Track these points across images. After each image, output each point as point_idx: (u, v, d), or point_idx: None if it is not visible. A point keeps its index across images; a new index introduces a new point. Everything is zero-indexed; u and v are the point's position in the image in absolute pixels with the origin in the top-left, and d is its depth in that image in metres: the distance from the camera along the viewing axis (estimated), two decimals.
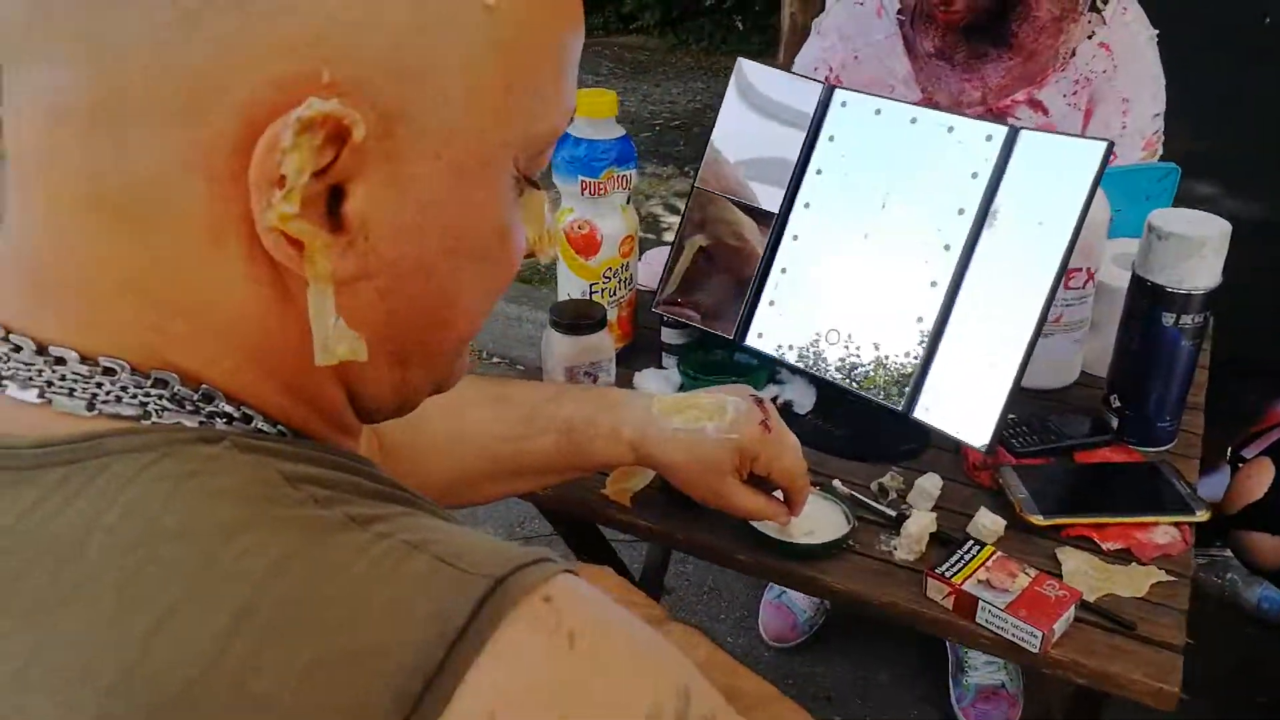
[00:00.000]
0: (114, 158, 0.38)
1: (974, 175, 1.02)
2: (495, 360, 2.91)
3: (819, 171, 1.14)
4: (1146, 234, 1.07)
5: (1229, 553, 1.87)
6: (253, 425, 0.42)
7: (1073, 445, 1.11)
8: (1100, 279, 1.21)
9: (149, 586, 0.36)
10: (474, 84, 0.41)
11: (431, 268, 0.43)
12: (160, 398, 0.40)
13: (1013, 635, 0.85)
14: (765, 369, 1.20)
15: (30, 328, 0.41)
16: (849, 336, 1.09)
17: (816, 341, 1.12)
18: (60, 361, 0.40)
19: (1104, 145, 0.94)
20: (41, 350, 0.40)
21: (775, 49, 3.62)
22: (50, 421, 0.39)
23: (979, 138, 1.03)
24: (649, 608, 0.80)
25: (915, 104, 1.11)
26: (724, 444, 0.84)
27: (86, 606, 0.36)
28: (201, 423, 0.41)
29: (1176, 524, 0.98)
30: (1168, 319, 1.06)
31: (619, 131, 1.18)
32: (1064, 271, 0.96)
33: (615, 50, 5.35)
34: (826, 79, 1.55)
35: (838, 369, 1.10)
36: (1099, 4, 1.48)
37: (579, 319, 1.09)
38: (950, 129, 1.05)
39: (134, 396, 0.40)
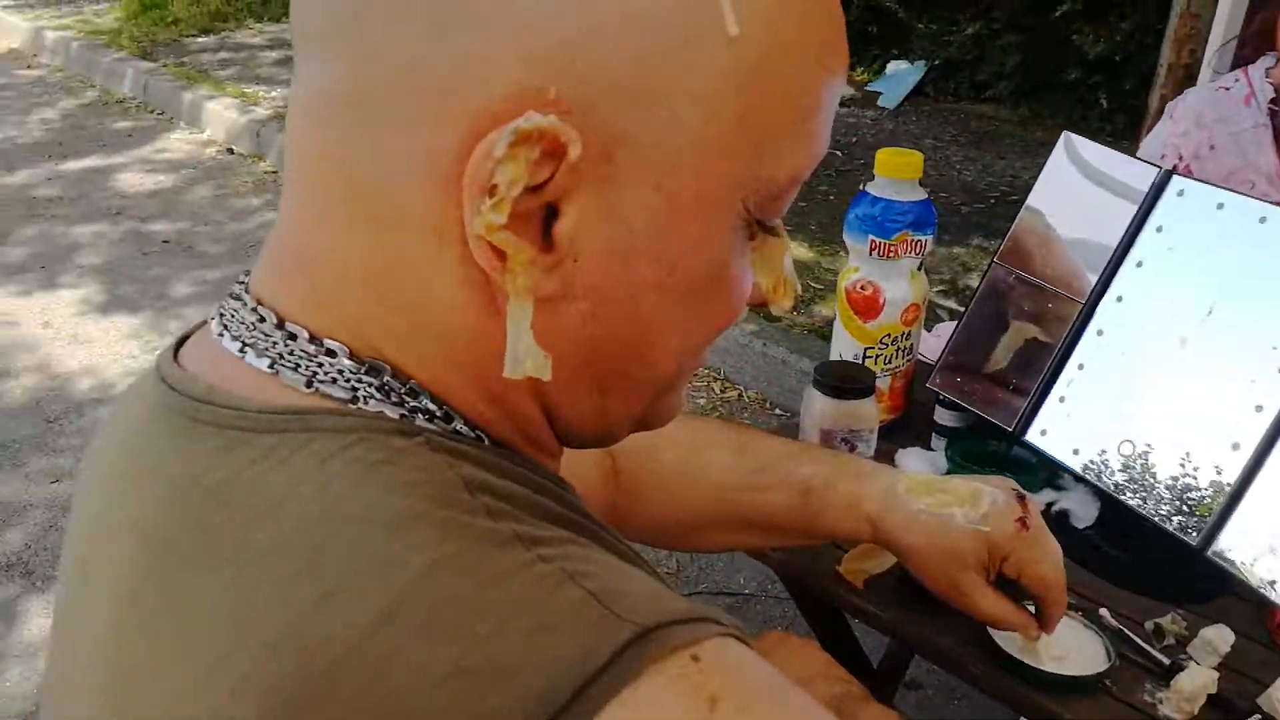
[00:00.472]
0: (365, 153, 0.40)
1: None
2: (778, 412, 2.88)
3: (1139, 264, 1.02)
4: None
5: None
6: (452, 426, 0.43)
7: None
8: None
9: (324, 561, 0.37)
10: (705, 115, 0.39)
11: (639, 298, 0.42)
12: (370, 385, 0.42)
13: None
14: (1044, 471, 1.09)
15: (277, 302, 0.44)
16: (1147, 452, 0.97)
17: (1108, 451, 1.00)
18: (292, 337, 0.42)
19: None
20: (280, 325, 0.43)
21: (1137, 131, 3.34)
22: (274, 391, 0.42)
23: None
24: (848, 684, 0.75)
25: (1277, 204, 0.97)
26: (972, 535, 0.76)
27: (274, 564, 0.38)
28: (403, 415, 0.42)
29: None
30: None
31: (921, 194, 1.12)
32: None
33: (962, 117, 5.17)
34: (1175, 169, 1.40)
35: (1127, 486, 0.97)
36: None
37: (844, 381, 1.05)
38: None
39: (347, 380, 0.42)
